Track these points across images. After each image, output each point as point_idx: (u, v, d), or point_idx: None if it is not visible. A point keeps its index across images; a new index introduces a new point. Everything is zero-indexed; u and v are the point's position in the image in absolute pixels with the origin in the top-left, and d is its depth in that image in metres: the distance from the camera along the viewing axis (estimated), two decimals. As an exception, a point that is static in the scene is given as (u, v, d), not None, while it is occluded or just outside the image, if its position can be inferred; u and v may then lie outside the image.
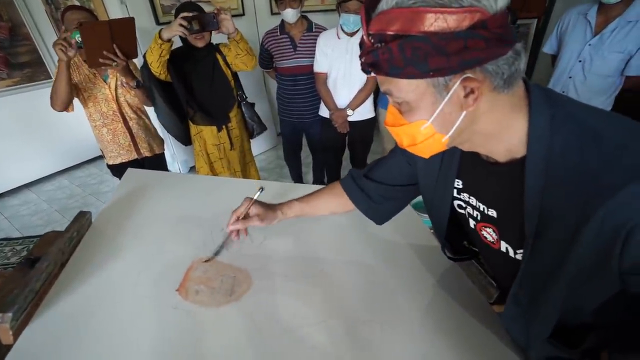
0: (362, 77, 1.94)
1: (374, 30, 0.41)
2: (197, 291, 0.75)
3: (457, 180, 0.63)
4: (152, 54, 1.52)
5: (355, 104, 1.98)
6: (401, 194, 0.78)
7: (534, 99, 0.46)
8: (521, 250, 0.53)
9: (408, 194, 0.79)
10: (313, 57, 1.98)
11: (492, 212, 0.57)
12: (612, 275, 0.43)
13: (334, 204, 0.87)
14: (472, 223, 0.63)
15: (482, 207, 0.59)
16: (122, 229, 0.95)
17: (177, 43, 1.67)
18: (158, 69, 1.56)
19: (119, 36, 1.40)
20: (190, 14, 1.49)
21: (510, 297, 0.58)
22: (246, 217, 0.84)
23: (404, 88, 0.44)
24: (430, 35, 0.38)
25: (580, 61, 1.72)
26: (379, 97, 2.18)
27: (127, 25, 1.43)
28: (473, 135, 0.48)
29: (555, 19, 3.68)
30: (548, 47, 1.93)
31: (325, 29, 2.01)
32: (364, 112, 2.06)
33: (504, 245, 0.57)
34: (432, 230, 1.00)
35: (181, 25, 1.45)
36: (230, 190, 1.17)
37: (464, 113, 0.44)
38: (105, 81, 1.63)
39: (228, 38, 1.65)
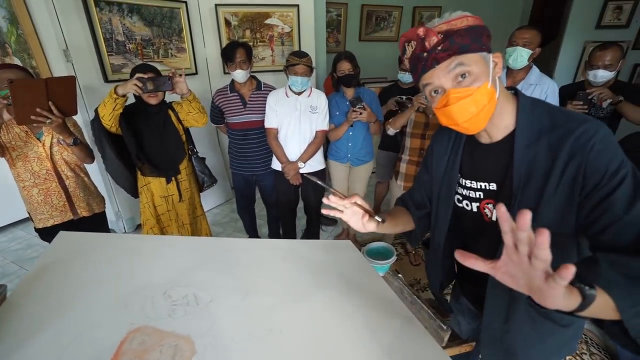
0: (311, 132, 2.04)
1: (446, 29, 0.64)
2: (130, 368, 0.67)
3: (458, 174, 0.80)
4: (105, 107, 1.57)
5: (305, 157, 2.06)
6: (427, 209, 0.93)
7: (520, 93, 0.72)
8: None
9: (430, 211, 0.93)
10: (263, 113, 2.07)
11: (493, 186, 0.74)
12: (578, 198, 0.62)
13: (406, 220, 0.94)
14: (474, 206, 0.78)
15: (483, 185, 0.76)
16: (44, 303, 0.83)
17: (131, 99, 1.70)
18: (109, 122, 1.60)
19: (57, 94, 1.36)
20: (146, 76, 1.57)
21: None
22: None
23: (471, 60, 0.65)
24: (479, 26, 0.65)
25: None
26: (328, 150, 2.29)
27: (67, 83, 1.41)
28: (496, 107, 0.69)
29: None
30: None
31: (273, 88, 2.13)
32: (315, 164, 2.14)
33: None
34: (391, 275, 1.01)
35: (135, 84, 1.54)
36: (175, 250, 1.11)
37: (497, 79, 0.68)
38: (39, 139, 1.54)
39: (181, 98, 1.74)
